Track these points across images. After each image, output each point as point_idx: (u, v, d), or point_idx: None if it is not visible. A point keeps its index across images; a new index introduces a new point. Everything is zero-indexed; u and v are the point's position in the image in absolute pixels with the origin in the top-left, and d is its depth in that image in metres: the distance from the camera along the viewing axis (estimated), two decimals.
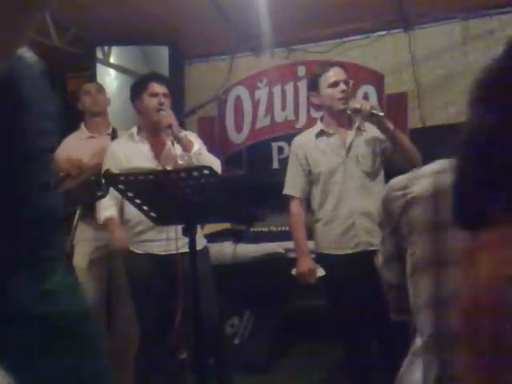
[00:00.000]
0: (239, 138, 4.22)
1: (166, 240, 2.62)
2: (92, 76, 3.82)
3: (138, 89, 2.79)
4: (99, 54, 3.91)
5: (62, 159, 2.58)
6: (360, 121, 2.70)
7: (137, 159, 2.70)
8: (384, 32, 3.78)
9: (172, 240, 2.52)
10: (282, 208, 2.98)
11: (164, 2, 3.34)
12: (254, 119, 4.18)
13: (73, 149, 2.91)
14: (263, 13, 3.39)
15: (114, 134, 3.18)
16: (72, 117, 3.15)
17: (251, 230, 3.55)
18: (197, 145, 2.71)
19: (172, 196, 1.95)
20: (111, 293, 3.08)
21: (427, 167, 1.25)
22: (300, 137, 2.85)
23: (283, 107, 4.12)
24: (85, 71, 3.97)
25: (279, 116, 4.13)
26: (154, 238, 2.69)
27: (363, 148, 2.69)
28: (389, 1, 3.42)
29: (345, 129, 2.73)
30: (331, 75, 2.67)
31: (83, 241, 2.99)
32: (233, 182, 3.45)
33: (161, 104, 2.71)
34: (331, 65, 2.82)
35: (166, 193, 1.94)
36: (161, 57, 3.91)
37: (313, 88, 2.76)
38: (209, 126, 4.21)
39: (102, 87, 3.34)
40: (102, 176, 2.21)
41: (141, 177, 1.93)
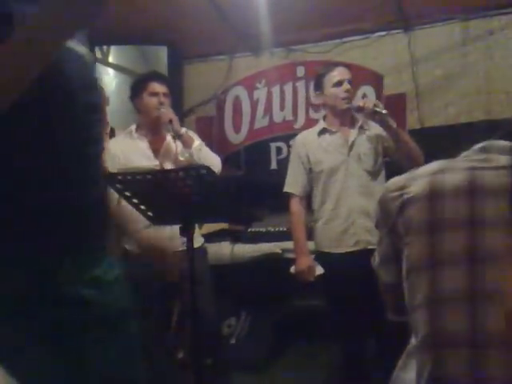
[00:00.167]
0: (237, 139, 4.21)
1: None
2: None
3: (138, 88, 2.78)
4: (98, 54, 3.90)
5: None
6: (363, 119, 2.70)
7: (135, 156, 2.68)
8: (384, 32, 3.77)
9: (169, 239, 2.51)
10: (280, 208, 2.97)
11: (163, 2, 3.33)
12: (253, 119, 4.17)
13: None
14: (262, 13, 3.39)
15: (112, 134, 3.17)
16: None
17: (249, 231, 3.54)
18: (197, 141, 2.70)
19: (170, 196, 1.94)
20: None
21: (425, 167, 1.26)
22: (302, 135, 2.85)
23: (282, 107, 4.11)
24: None
25: (278, 116, 4.13)
26: None
27: (365, 147, 2.69)
28: (388, 1, 3.42)
29: (347, 127, 2.74)
30: (336, 75, 2.68)
31: None
32: (231, 183, 3.44)
33: (161, 103, 2.70)
34: (336, 64, 2.82)
35: (164, 192, 1.93)
36: (160, 56, 3.91)
37: (316, 87, 2.76)
38: (207, 126, 4.20)
39: (101, 86, 3.33)
40: None
41: (138, 176, 1.92)
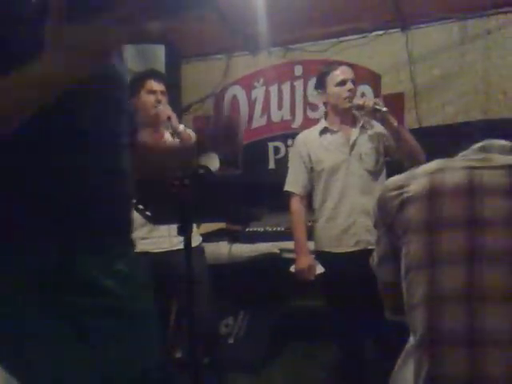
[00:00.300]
0: None
1: (159, 238, 2.60)
2: None
3: (135, 86, 2.77)
4: None
5: None
6: (365, 119, 2.70)
7: None
8: (381, 32, 3.76)
9: (165, 237, 2.51)
10: (278, 208, 2.97)
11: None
12: (251, 119, 4.17)
13: None
14: (260, 12, 3.39)
15: None
16: None
17: (247, 230, 3.53)
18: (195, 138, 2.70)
19: (168, 195, 1.93)
20: None
21: (424, 167, 1.26)
22: (303, 134, 2.85)
23: (280, 107, 4.10)
24: None
25: (275, 116, 4.12)
26: (146, 236, 2.66)
27: (367, 146, 2.68)
28: (386, 0, 3.42)
29: (349, 126, 2.73)
30: (339, 74, 2.67)
31: None
32: (228, 182, 3.42)
33: (158, 101, 2.70)
34: (339, 63, 2.82)
35: (162, 192, 1.92)
36: (157, 55, 3.89)
37: (318, 85, 2.76)
38: (204, 125, 4.19)
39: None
40: None
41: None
